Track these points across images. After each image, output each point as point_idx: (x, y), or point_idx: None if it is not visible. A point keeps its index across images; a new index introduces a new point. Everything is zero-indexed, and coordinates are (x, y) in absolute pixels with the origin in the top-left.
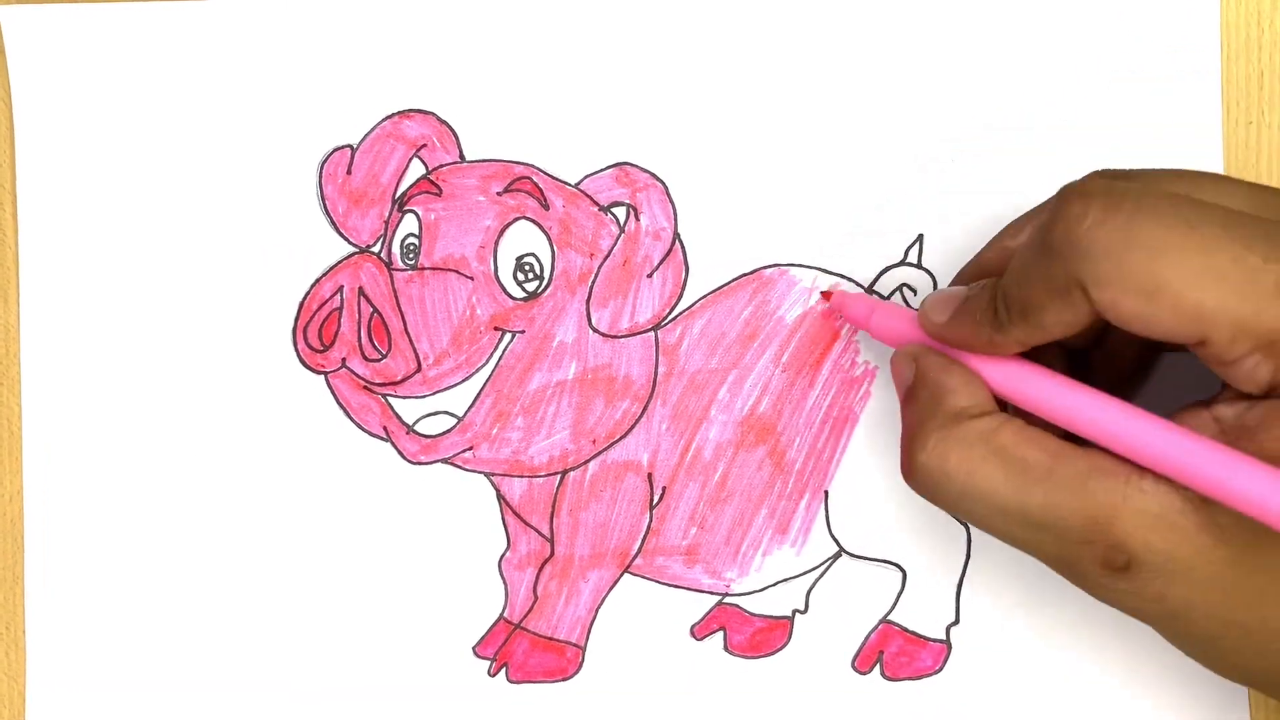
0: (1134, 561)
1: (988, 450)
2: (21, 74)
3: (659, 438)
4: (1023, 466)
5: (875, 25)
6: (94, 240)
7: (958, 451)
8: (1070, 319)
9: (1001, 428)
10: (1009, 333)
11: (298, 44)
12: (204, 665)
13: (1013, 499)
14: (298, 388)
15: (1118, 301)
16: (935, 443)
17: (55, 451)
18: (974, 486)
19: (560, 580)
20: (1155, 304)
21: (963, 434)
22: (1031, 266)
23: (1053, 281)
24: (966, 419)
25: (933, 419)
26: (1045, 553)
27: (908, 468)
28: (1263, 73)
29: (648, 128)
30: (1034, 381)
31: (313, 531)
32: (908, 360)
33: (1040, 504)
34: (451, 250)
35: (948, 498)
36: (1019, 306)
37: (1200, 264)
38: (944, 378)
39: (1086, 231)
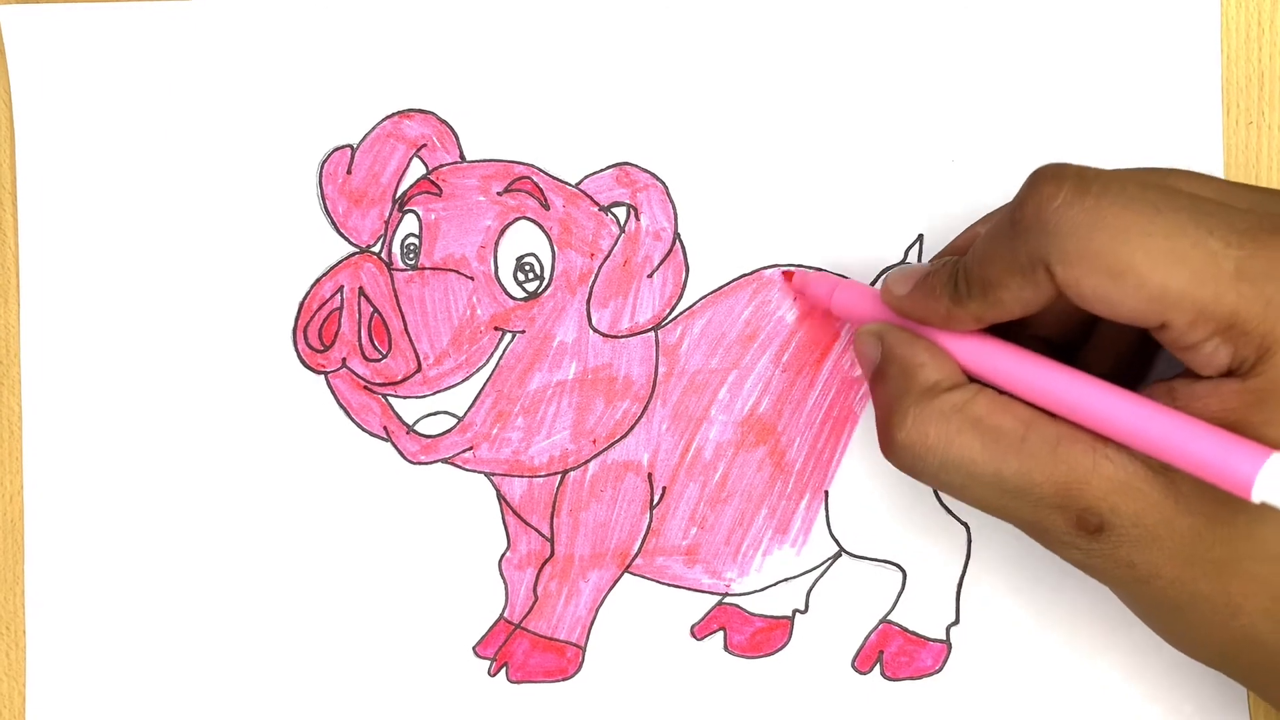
0: (1105, 525)
1: (964, 421)
2: (21, 74)
3: (659, 438)
4: (997, 435)
5: (875, 26)
6: (94, 240)
7: (936, 425)
8: (1030, 296)
9: (975, 398)
10: (966, 307)
11: (298, 44)
12: (204, 665)
13: (989, 467)
14: (298, 388)
15: (1081, 280)
16: (913, 418)
17: (55, 451)
18: (952, 458)
19: (560, 580)
20: (1118, 285)
21: (939, 406)
22: (996, 243)
23: (1016, 259)
24: (941, 392)
25: (907, 394)
26: (1020, 518)
27: (887, 444)
28: (1263, 73)
29: (648, 128)
30: (999, 356)
31: (313, 531)
32: (872, 338)
33: (1015, 471)
34: (452, 250)
35: (928, 470)
36: (979, 282)
37: (1164, 247)
38: (912, 352)
39: (1055, 210)
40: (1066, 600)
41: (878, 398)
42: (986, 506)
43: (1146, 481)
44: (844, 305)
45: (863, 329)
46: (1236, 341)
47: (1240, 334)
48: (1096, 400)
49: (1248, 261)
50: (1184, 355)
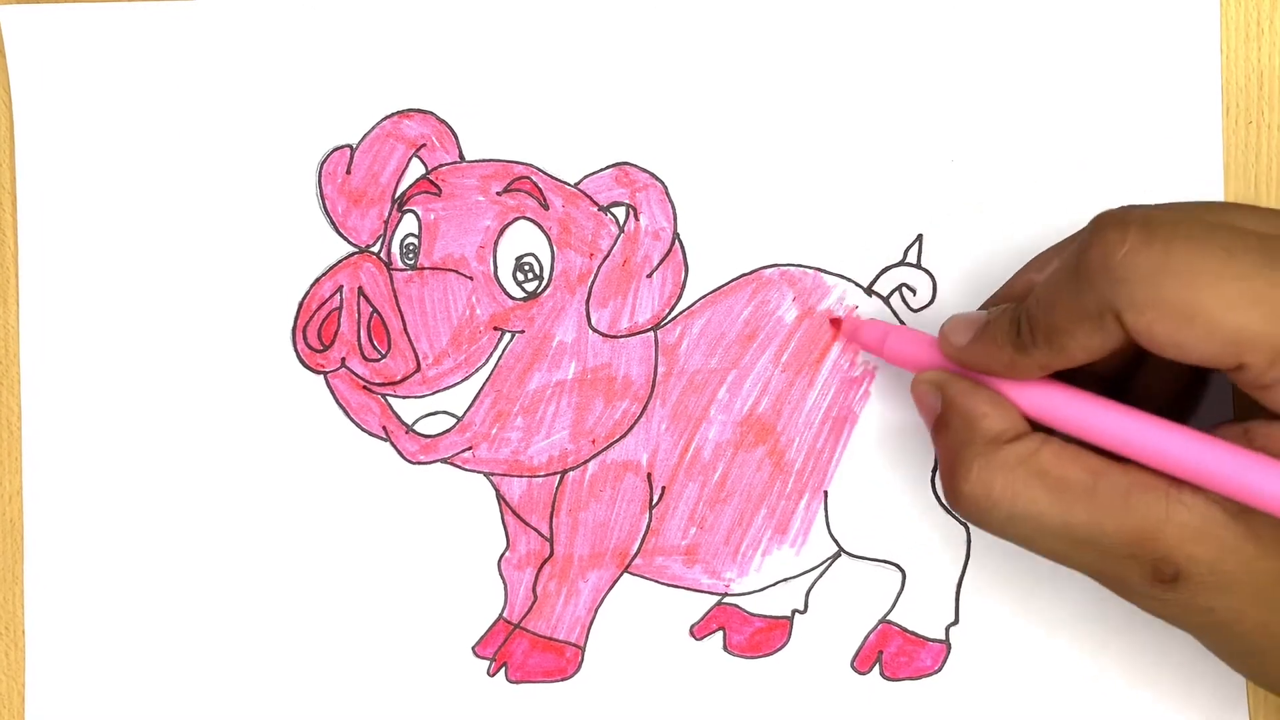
0: (1182, 574)
1: (1029, 473)
2: (21, 74)
3: (658, 438)
4: (1065, 486)
5: (874, 25)
6: (94, 240)
7: (1001, 477)
8: (1098, 344)
9: (1041, 449)
10: (1031, 355)
11: (297, 44)
12: (204, 665)
13: (1057, 519)
14: (297, 387)
15: (1153, 326)
16: (978, 470)
17: (55, 451)
18: (1019, 510)
19: (560, 580)
20: (1191, 329)
21: (1004, 459)
22: (1061, 291)
23: (1083, 306)
24: (1004, 443)
25: (970, 446)
26: (1093, 569)
27: (952, 495)
28: (1262, 73)
29: (647, 128)
30: (1066, 402)
31: (312, 531)
32: (932, 388)
33: (1084, 522)
34: (451, 250)
35: (995, 522)
36: (1044, 330)
37: (1237, 289)
38: (974, 403)
39: (1123, 258)
40: (1066, 601)
41: (941, 448)
42: (1057, 557)
43: (1224, 526)
44: (898, 353)
45: (921, 378)
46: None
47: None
48: (1170, 443)
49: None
50: (1261, 395)
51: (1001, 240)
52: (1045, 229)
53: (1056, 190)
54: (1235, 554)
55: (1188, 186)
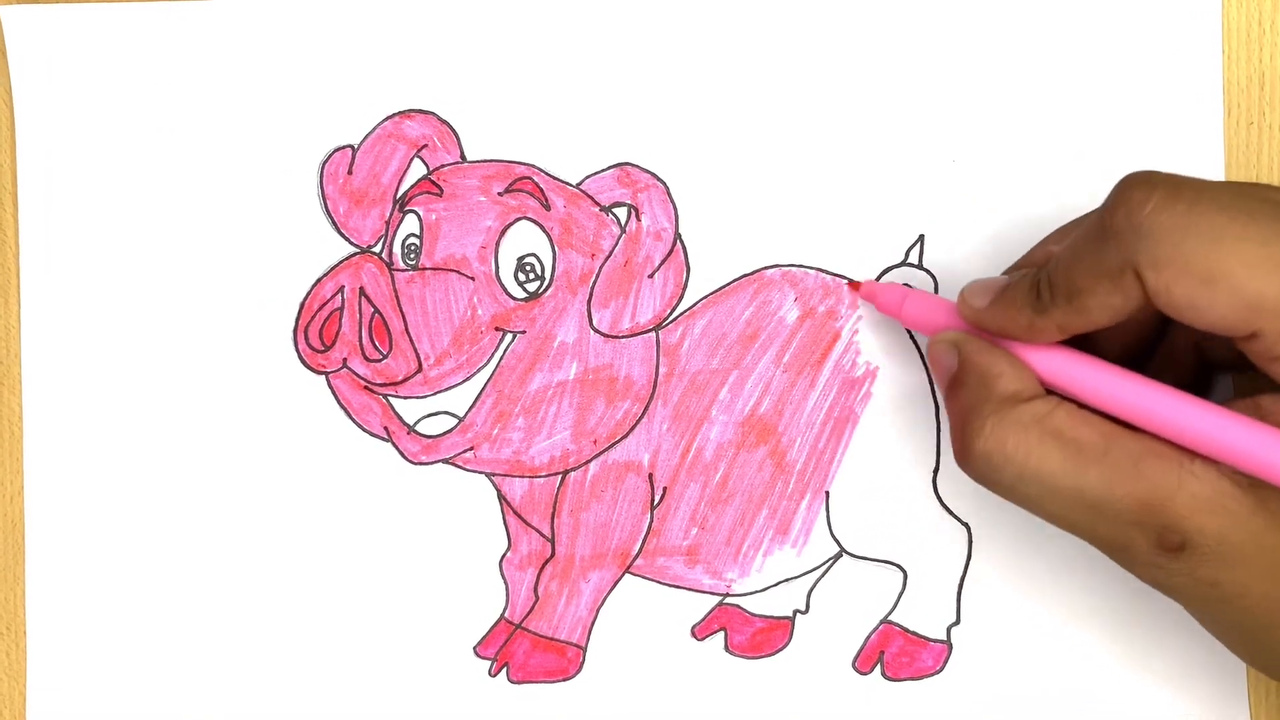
0: (1188, 544)
1: (1043, 432)
2: (22, 74)
3: (660, 438)
4: (1078, 448)
5: (876, 26)
6: (95, 240)
7: (1015, 434)
8: (1118, 303)
9: (1055, 410)
10: (1050, 316)
11: (298, 44)
12: (205, 665)
13: (1069, 480)
14: (299, 388)
15: (1172, 286)
16: (992, 426)
17: (56, 451)
18: (1031, 469)
19: (561, 580)
20: (1211, 291)
21: (1018, 416)
22: (1084, 249)
23: (1105, 264)
24: (1020, 402)
25: (986, 403)
26: (1099, 535)
27: (964, 453)
28: (1264, 74)
29: (649, 128)
30: (1082, 368)
31: (314, 532)
32: (949, 347)
33: (1095, 485)
34: (453, 250)
35: (1004, 481)
36: (1065, 289)
37: (1260, 254)
38: (991, 362)
39: (1148, 215)
40: (1067, 600)
41: (953, 406)
42: (1064, 521)
43: (1234, 498)
44: (915, 316)
45: (939, 337)
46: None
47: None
48: (1184, 413)
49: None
50: (1271, 367)
51: (1003, 241)
52: (1047, 229)
53: (1058, 191)
54: (1244, 526)
55: None
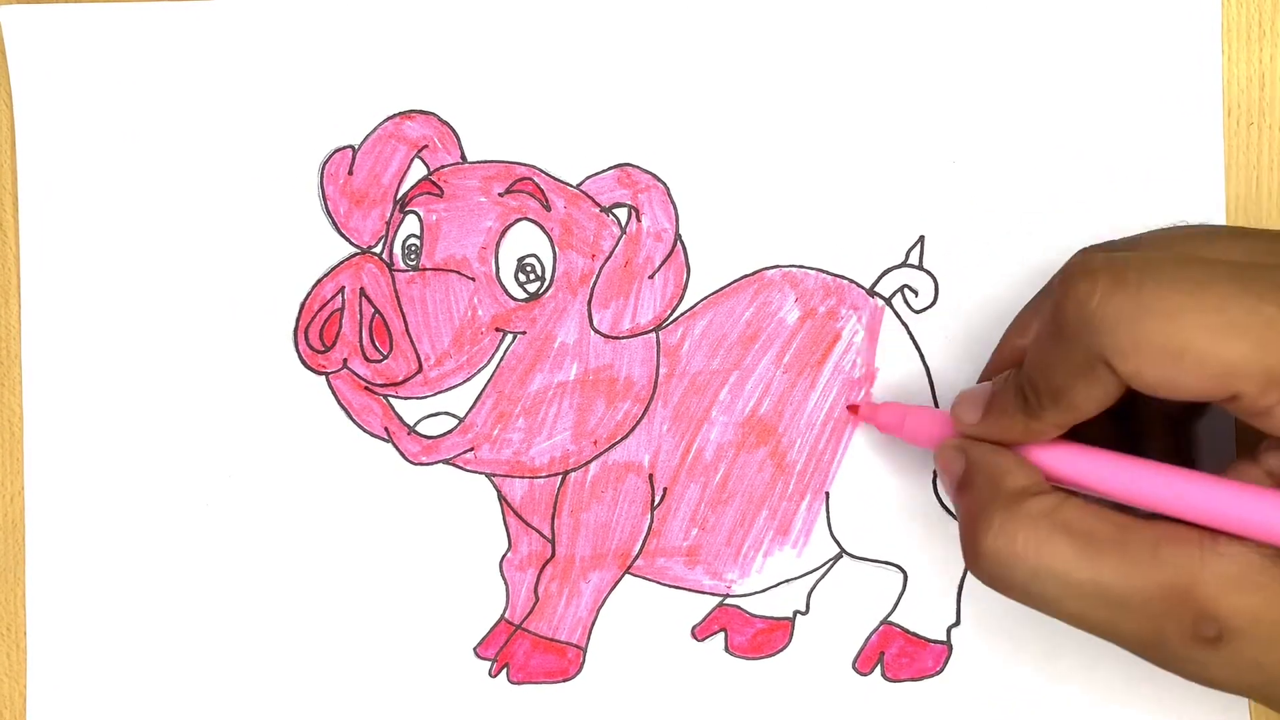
0: (1224, 630)
1: (1053, 525)
2: (22, 74)
3: (660, 439)
4: (1091, 539)
5: (876, 26)
6: (95, 241)
7: (1024, 529)
8: (1101, 395)
9: (1064, 503)
10: (1043, 418)
11: (299, 45)
12: (205, 666)
13: (1086, 574)
14: (299, 388)
15: (1142, 371)
16: (1000, 523)
17: (56, 452)
18: (1044, 565)
19: (561, 581)
20: (1180, 367)
21: (1027, 511)
22: (1050, 351)
23: (1074, 362)
24: (1029, 497)
25: (994, 501)
26: (1125, 632)
27: (974, 553)
28: (1263, 74)
29: (649, 129)
30: (1086, 460)
31: (314, 532)
32: (955, 451)
33: (1113, 577)
34: (453, 251)
35: (1018, 580)
36: (1048, 392)
37: (1217, 321)
38: (997, 461)
39: (1098, 307)
40: None
41: (962, 508)
42: (1086, 621)
43: (1263, 572)
44: (917, 432)
45: (948, 443)
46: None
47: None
48: (1199, 492)
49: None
50: (1260, 421)
51: (1003, 242)
52: (1047, 229)
53: (1058, 191)
54: (1278, 601)
55: (1189, 188)
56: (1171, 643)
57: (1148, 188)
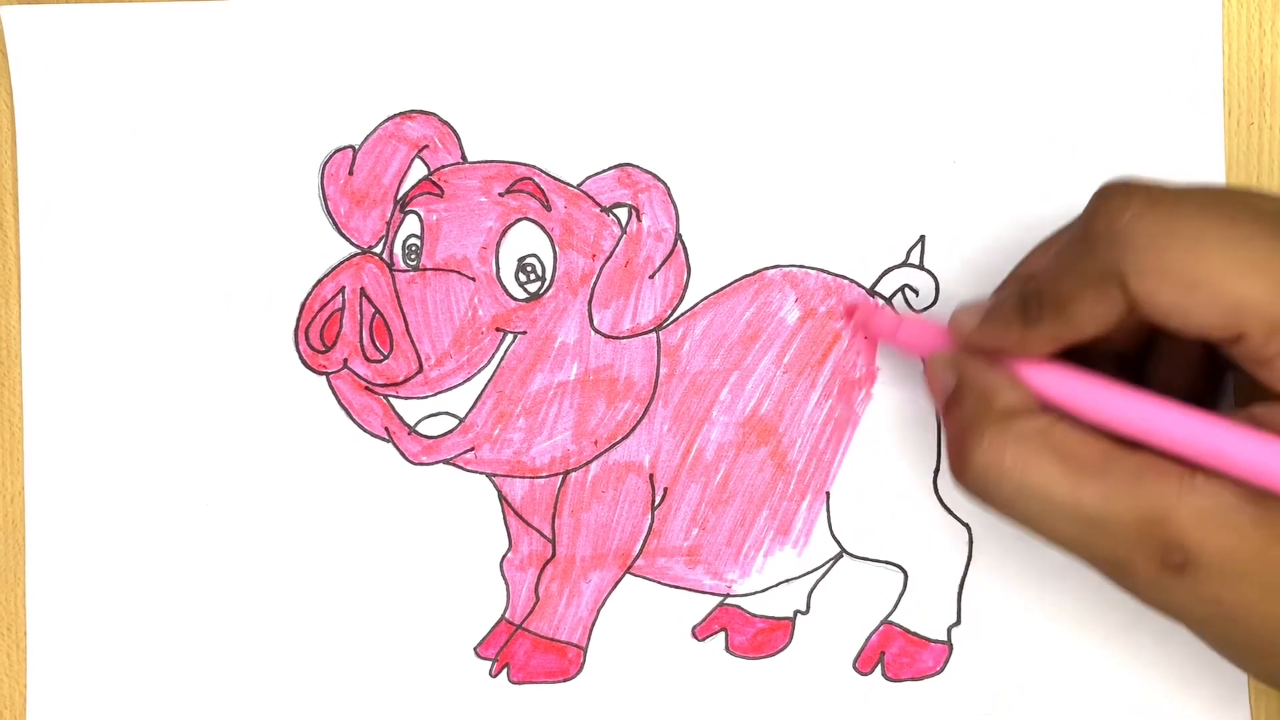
0: (1190, 560)
1: (1042, 446)
2: (23, 74)
3: (661, 439)
4: (1077, 462)
5: (877, 26)
6: (96, 241)
7: (1013, 448)
8: (1104, 312)
9: (1054, 425)
10: (1039, 329)
11: (299, 45)
12: (205, 666)
13: (1068, 495)
14: (299, 388)
15: (1155, 292)
16: (990, 439)
17: (57, 452)
18: (1029, 483)
19: (562, 581)
20: (1194, 295)
21: (1017, 430)
22: (1068, 260)
23: (1088, 273)
24: (1020, 415)
25: (984, 418)
26: (1098, 553)
27: (961, 466)
28: (1264, 75)
29: (650, 129)
30: (1078, 384)
31: (314, 532)
32: (947, 367)
33: (1095, 500)
34: (453, 251)
35: (1001, 495)
36: (1052, 301)
37: (1241, 256)
38: (989, 379)
39: (1128, 222)
40: (1068, 601)
41: (951, 423)
42: (1062, 539)
43: (1238, 511)
44: (911, 340)
45: (937, 358)
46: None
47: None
48: (1184, 426)
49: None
50: (1261, 371)
51: (1004, 241)
52: (1047, 229)
53: (1058, 191)
54: (1248, 541)
55: None
56: (1139, 567)
57: None
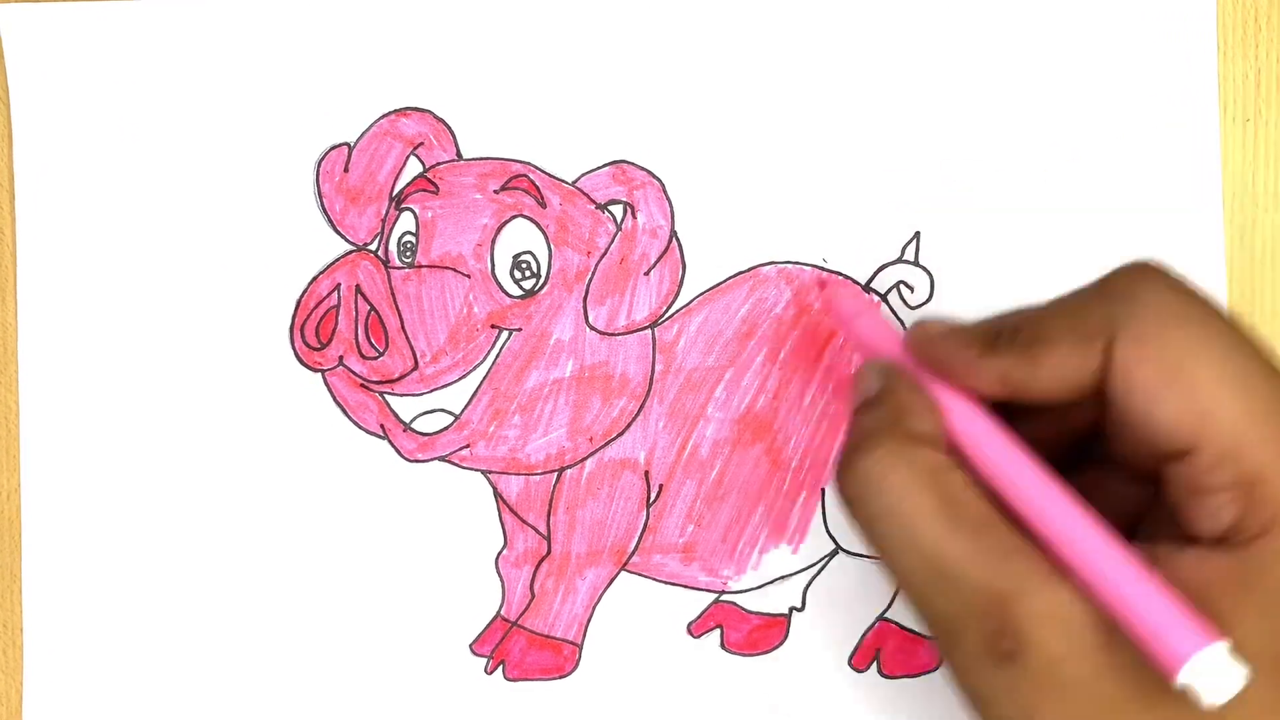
0: (1019, 654)
1: (932, 481)
2: (20, 72)
3: (656, 435)
4: (958, 512)
5: (872, 22)
6: (92, 238)
7: (904, 469)
8: (1073, 367)
9: (954, 470)
10: (996, 360)
11: (295, 42)
12: (201, 663)
13: (933, 539)
14: (295, 385)
15: (1136, 366)
16: (885, 452)
17: (53, 449)
18: (901, 509)
19: (557, 578)
20: (1171, 385)
21: (914, 456)
22: (1066, 304)
23: (1080, 320)
24: (923, 445)
25: (889, 432)
26: (936, 608)
27: (845, 466)
28: (1259, 70)
29: (645, 126)
30: (993, 440)
31: (310, 529)
32: (877, 373)
33: (957, 556)
34: (449, 248)
35: (870, 510)
36: (1027, 337)
37: (1235, 369)
38: (911, 399)
39: (1148, 291)
40: None
41: (855, 424)
42: (907, 579)
43: (1087, 629)
44: (862, 334)
45: (870, 362)
46: (1250, 502)
47: (1260, 495)
48: (1071, 527)
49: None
50: (1190, 502)
51: (999, 237)
52: (1042, 226)
53: (1054, 187)
54: (1083, 662)
55: (1185, 184)
56: (968, 639)
57: (1143, 184)
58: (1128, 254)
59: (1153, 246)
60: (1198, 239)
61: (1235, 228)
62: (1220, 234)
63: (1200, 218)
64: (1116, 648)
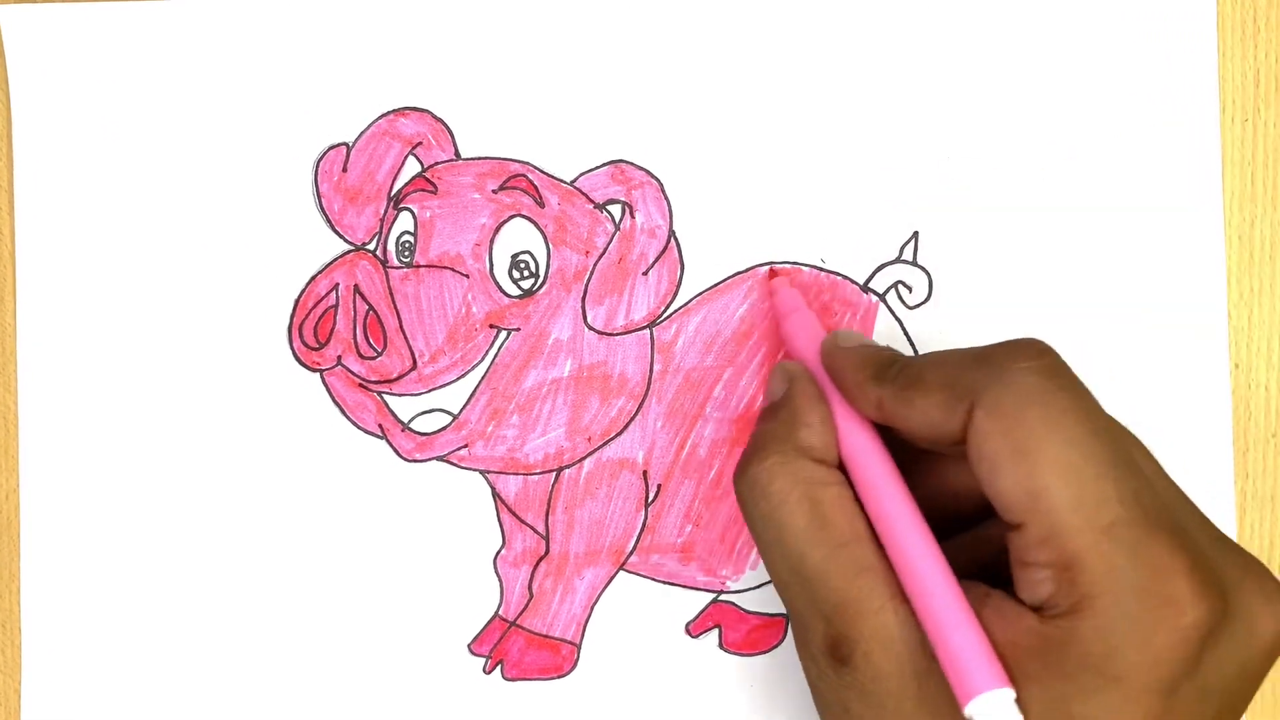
0: (849, 662)
1: (807, 494)
2: (20, 73)
3: (654, 435)
4: (824, 526)
5: (870, 22)
6: (91, 238)
7: (784, 480)
8: (936, 419)
9: (829, 485)
10: (878, 388)
11: (294, 42)
12: (200, 662)
13: (799, 546)
14: (293, 385)
15: (989, 438)
16: (772, 462)
17: (51, 449)
18: (779, 517)
19: (555, 578)
20: (1015, 460)
21: (796, 469)
22: (955, 358)
23: (956, 380)
24: (808, 459)
25: (780, 441)
26: (795, 606)
27: (741, 468)
28: (1259, 70)
29: (643, 125)
30: (874, 465)
31: (308, 529)
32: (787, 376)
33: (816, 564)
34: (447, 248)
35: (753, 514)
36: (911, 375)
37: (1079, 460)
38: (808, 410)
39: (1021, 370)
40: None
41: (758, 428)
42: (777, 577)
43: (911, 652)
44: (788, 332)
45: (783, 364)
46: (1064, 582)
47: (1072, 578)
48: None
49: (1126, 529)
50: (1017, 570)
51: (998, 237)
52: (1041, 225)
53: (1053, 187)
54: (900, 680)
55: (1184, 184)
56: (814, 639)
57: (1143, 184)
58: (1128, 253)
59: (1152, 246)
60: (1197, 238)
61: (1235, 227)
62: (1220, 233)
63: (1200, 217)
64: (933, 675)
